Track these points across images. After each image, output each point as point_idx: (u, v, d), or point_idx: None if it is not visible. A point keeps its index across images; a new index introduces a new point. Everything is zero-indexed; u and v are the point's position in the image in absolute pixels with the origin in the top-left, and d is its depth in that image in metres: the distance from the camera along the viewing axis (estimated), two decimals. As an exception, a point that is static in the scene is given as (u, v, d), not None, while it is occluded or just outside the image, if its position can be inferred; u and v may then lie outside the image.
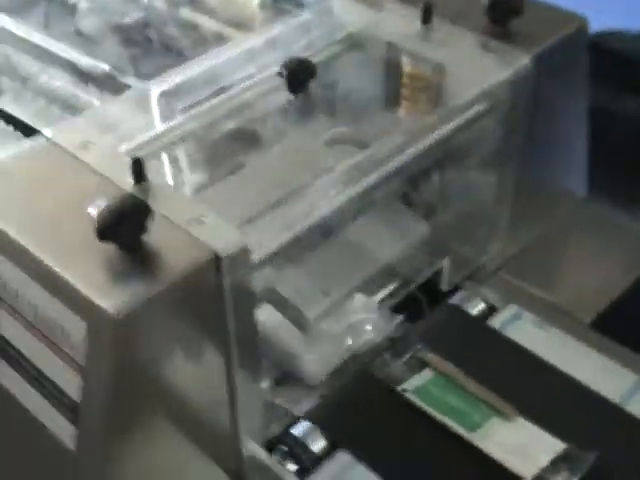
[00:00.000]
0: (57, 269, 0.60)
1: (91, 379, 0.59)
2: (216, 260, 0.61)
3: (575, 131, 0.97)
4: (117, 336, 0.57)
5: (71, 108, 0.91)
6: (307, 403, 0.81)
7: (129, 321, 0.57)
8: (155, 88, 0.80)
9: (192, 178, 0.75)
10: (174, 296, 0.60)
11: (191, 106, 0.80)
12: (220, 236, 0.62)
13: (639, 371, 0.84)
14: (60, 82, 0.95)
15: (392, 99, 0.87)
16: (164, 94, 0.80)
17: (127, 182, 0.67)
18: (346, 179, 0.69)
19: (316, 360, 0.83)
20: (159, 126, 0.76)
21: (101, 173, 0.68)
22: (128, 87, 0.86)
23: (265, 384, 0.82)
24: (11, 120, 0.90)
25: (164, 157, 0.76)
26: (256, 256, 0.63)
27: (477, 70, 0.81)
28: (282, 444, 0.79)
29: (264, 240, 0.64)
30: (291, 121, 0.80)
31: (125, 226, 0.59)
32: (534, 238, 0.98)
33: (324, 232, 0.71)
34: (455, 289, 0.93)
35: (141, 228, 0.60)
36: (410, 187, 0.85)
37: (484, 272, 0.95)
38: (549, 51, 0.84)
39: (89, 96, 0.92)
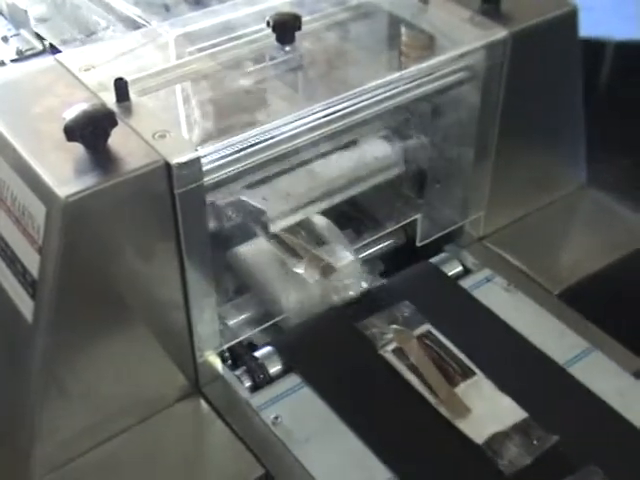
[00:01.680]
0: (31, 162, 0.70)
1: (46, 257, 0.68)
2: (167, 167, 0.69)
3: (568, 117, 1.00)
4: (66, 219, 0.66)
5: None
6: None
7: (78, 207, 0.66)
8: (171, 30, 0.90)
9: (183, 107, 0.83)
10: (123, 193, 0.68)
11: (199, 50, 0.88)
12: (176, 148, 0.70)
13: (591, 340, 0.87)
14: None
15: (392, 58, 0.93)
16: (178, 37, 0.89)
17: (112, 100, 0.75)
18: (306, 103, 0.76)
19: (296, 303, 0.90)
20: (163, 62, 0.85)
21: (92, 91, 0.77)
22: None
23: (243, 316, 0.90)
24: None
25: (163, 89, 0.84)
26: (205, 163, 0.70)
27: (459, 39, 0.87)
28: (243, 363, 0.86)
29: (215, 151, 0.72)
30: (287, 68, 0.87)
31: (90, 129, 0.68)
32: (523, 215, 1.02)
33: (287, 154, 0.78)
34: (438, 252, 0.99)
35: (105, 133, 0.69)
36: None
37: (467, 239, 1.00)
38: (531, 30, 0.88)
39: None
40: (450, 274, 0.96)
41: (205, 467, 0.79)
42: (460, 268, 0.97)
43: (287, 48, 0.86)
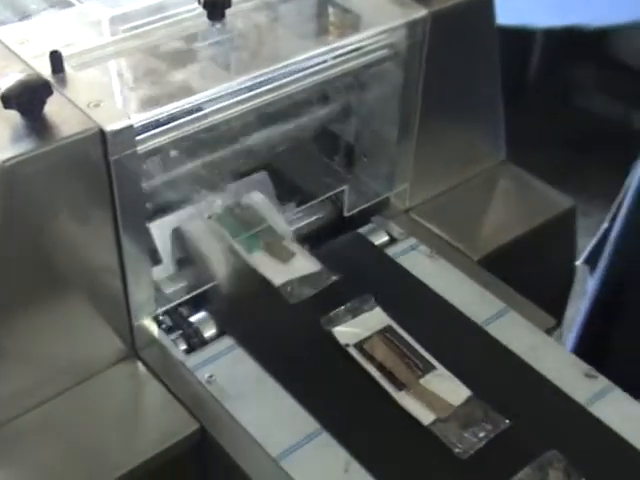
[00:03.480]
0: (-31, 130, 0.72)
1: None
2: (102, 135, 0.73)
3: (487, 97, 1.06)
4: (3, 184, 0.69)
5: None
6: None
7: (14, 172, 0.69)
8: (104, 9, 0.93)
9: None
10: (59, 159, 0.72)
11: (132, 28, 0.92)
12: (110, 116, 0.74)
13: (508, 301, 0.93)
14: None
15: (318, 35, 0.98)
16: (112, 17, 0.93)
17: (47, 72, 0.79)
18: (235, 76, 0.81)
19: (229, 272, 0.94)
20: (96, 39, 0.89)
21: (28, 63, 0.80)
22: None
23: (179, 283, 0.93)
24: None
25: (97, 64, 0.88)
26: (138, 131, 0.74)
27: (382, 17, 0.92)
28: (178, 328, 0.90)
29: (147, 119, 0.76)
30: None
31: (26, 97, 0.71)
32: (446, 189, 1.08)
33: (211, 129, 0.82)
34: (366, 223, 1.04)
35: (41, 102, 0.72)
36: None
37: (393, 210, 1.05)
38: (449, 11, 0.94)
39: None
40: (377, 243, 1.01)
41: (143, 424, 0.83)
42: (386, 238, 1.02)
43: (217, 25, 0.89)
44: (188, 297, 0.90)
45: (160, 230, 0.91)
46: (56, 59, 0.78)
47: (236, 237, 0.94)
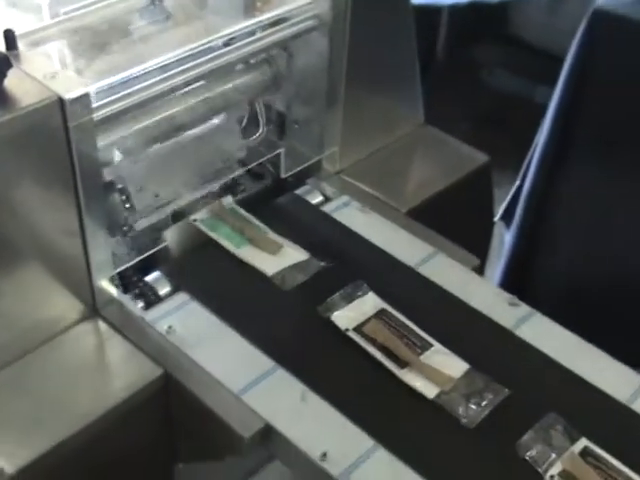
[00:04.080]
0: None
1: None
2: (60, 103, 0.79)
3: (405, 66, 1.15)
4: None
5: None
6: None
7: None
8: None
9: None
10: (21, 127, 0.77)
11: (75, 10, 0.97)
12: (67, 86, 0.80)
13: (436, 244, 1.02)
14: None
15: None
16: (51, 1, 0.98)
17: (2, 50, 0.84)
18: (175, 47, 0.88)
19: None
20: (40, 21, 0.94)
21: (-16, 43, 0.85)
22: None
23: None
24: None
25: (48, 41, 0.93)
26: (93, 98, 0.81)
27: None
28: (135, 287, 0.96)
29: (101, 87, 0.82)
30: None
31: (-14, 71, 0.77)
32: (374, 151, 1.17)
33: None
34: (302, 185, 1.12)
35: (2, 74, 0.78)
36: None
37: (326, 173, 1.13)
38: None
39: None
40: (313, 202, 1.09)
41: (109, 375, 0.89)
42: (321, 197, 1.10)
43: (157, 2, 0.96)
44: (142, 257, 0.96)
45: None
46: (10, 37, 0.83)
47: (222, 236, 0.99)
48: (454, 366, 0.87)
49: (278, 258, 0.98)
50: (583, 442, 0.81)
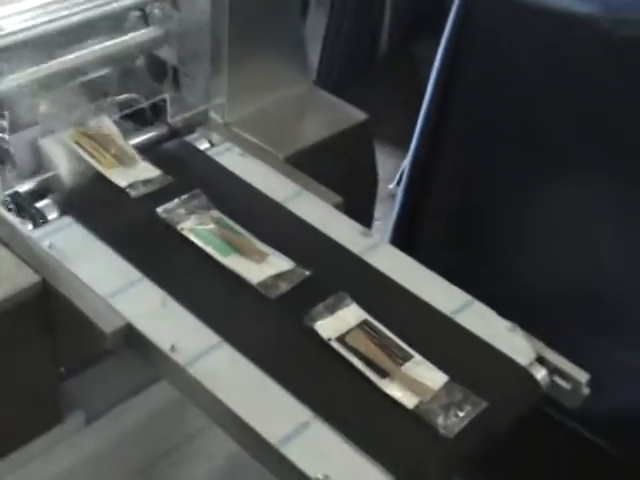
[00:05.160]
0: None
1: None
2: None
3: (289, 28, 1.26)
4: None
5: None
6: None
7: None
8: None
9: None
10: None
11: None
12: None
13: (303, 184, 1.14)
14: None
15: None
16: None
17: None
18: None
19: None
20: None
21: None
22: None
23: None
24: None
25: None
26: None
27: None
28: (25, 211, 1.06)
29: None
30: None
31: None
32: (262, 107, 1.28)
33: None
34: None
35: None
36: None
37: (214, 123, 1.24)
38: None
39: None
40: (200, 148, 1.20)
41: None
42: (207, 144, 1.21)
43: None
44: (32, 182, 1.07)
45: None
46: None
47: (210, 245, 1.01)
48: (433, 378, 0.89)
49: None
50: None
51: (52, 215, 1.06)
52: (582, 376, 0.91)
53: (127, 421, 1.17)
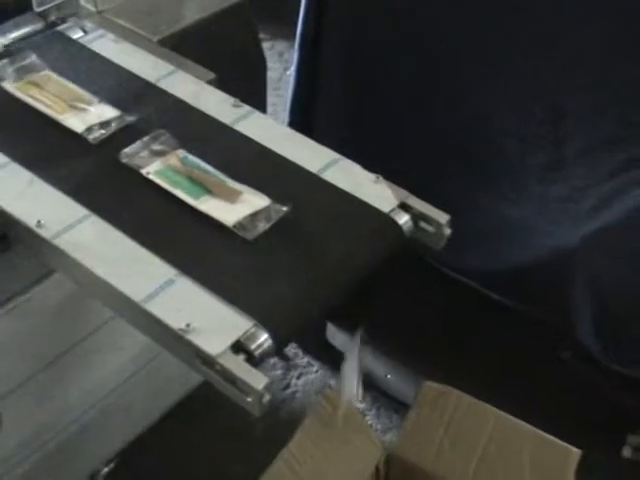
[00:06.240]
0: None
1: None
2: None
3: None
4: None
5: None
6: None
7: None
8: None
9: None
10: None
11: None
12: None
13: (177, 64, 1.13)
14: None
15: None
16: None
17: None
18: None
19: None
20: None
21: None
22: None
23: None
24: None
25: None
26: None
27: None
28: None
29: None
30: None
31: None
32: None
33: None
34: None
35: None
36: None
37: (86, 12, 1.23)
38: None
39: None
40: (73, 37, 1.19)
41: None
42: (81, 33, 1.20)
43: None
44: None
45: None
46: None
47: (179, 187, 0.96)
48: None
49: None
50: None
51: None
52: (443, 217, 0.93)
53: (24, 315, 1.18)
